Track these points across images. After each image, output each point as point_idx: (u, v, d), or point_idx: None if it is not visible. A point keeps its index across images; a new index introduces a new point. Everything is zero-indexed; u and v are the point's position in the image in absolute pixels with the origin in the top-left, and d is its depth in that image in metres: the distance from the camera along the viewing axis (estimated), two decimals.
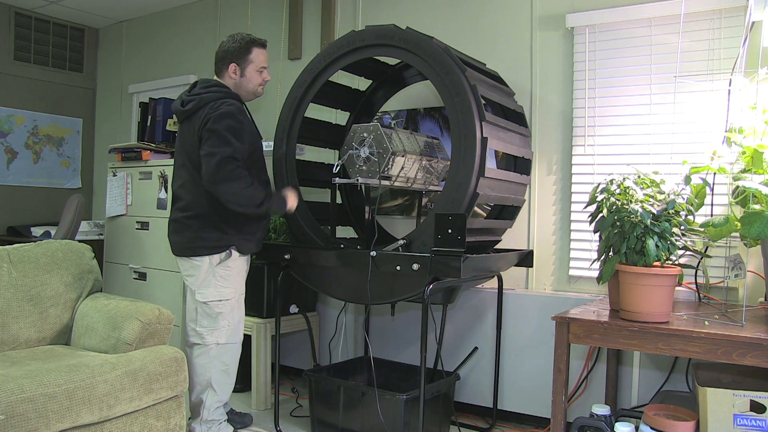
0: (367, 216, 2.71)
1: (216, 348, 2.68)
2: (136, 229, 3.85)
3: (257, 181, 2.62)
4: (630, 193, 2.06)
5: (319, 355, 3.49)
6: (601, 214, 2.11)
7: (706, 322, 1.99)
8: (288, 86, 2.95)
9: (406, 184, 2.75)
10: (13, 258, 2.64)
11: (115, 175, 4.06)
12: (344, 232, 3.48)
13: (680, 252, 2.17)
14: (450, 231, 2.30)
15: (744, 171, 2.04)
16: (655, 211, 1.99)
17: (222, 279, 2.66)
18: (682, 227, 2.08)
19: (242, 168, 2.51)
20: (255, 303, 3.34)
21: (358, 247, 2.68)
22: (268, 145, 3.12)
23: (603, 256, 2.18)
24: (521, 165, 2.93)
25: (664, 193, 2.10)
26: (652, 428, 2.09)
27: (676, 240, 2.04)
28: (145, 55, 5.03)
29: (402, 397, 2.51)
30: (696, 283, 2.48)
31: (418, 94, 3.43)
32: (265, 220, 2.78)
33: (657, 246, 1.97)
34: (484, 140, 2.39)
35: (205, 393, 2.69)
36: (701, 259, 2.41)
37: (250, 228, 2.67)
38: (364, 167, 2.58)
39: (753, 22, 2.32)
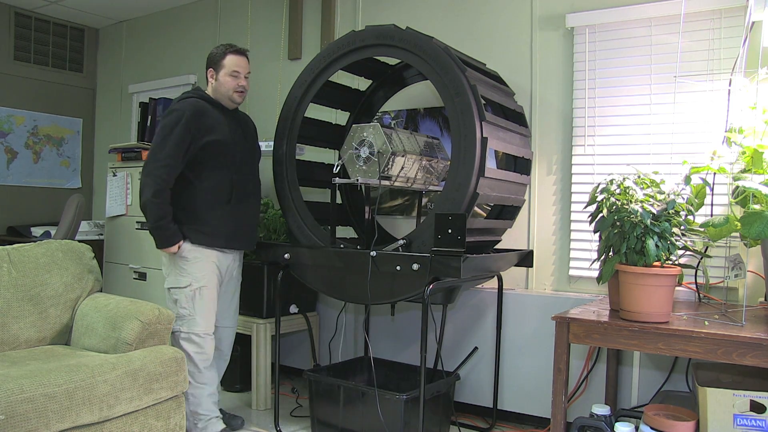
0: (367, 216, 2.71)
1: (179, 336, 2.74)
2: (136, 229, 3.85)
3: (187, 191, 2.72)
4: (630, 193, 2.06)
5: (319, 355, 3.49)
6: (601, 214, 2.11)
7: (706, 322, 1.99)
8: (288, 86, 2.95)
9: (406, 184, 2.75)
10: (13, 258, 2.64)
11: (115, 175, 4.07)
12: (344, 232, 3.48)
13: (680, 252, 2.17)
14: (450, 231, 2.30)
15: (744, 171, 2.04)
16: (655, 211, 1.99)
17: (179, 268, 2.74)
18: (682, 227, 2.08)
19: (161, 176, 2.62)
20: (255, 303, 3.34)
21: (358, 247, 2.68)
22: (268, 145, 3.13)
23: (603, 256, 2.17)
24: (521, 165, 2.93)
25: (664, 193, 2.10)
26: (652, 428, 2.09)
27: (676, 240, 2.04)
28: (145, 55, 5.03)
29: (402, 397, 2.51)
30: (696, 283, 2.48)
31: (418, 94, 3.43)
32: (230, 215, 2.78)
33: (657, 246, 1.97)
34: (484, 140, 2.39)
35: None
36: (701, 259, 2.41)
37: (204, 219, 2.73)
38: (364, 167, 2.58)
39: (753, 22, 2.32)
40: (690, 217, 2.12)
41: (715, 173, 2.20)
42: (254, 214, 2.93)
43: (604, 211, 2.09)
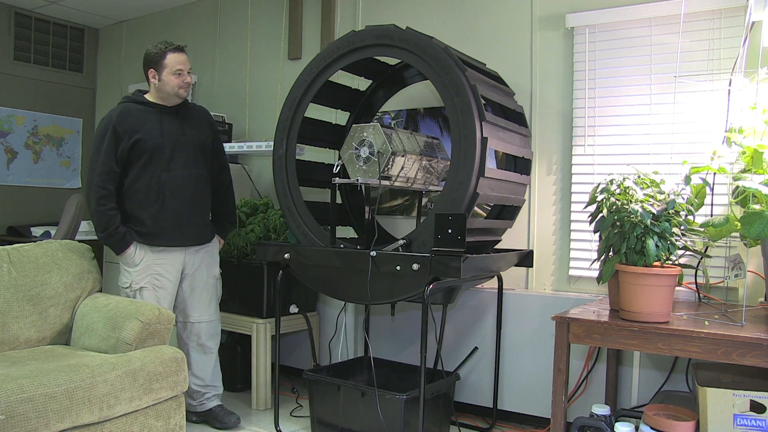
0: (367, 216, 2.71)
1: None
2: None
3: (134, 198, 2.81)
4: (630, 193, 2.06)
5: (319, 355, 3.49)
6: (601, 214, 2.11)
7: (706, 322, 1.99)
8: (288, 86, 2.95)
9: (406, 184, 2.75)
10: (13, 258, 2.64)
11: None
12: (344, 232, 3.48)
13: (680, 252, 2.17)
14: (450, 231, 2.30)
15: (744, 171, 2.04)
16: (655, 211, 1.99)
17: (122, 267, 2.88)
18: (682, 227, 2.08)
19: (100, 184, 2.74)
20: (255, 303, 3.34)
21: (358, 247, 2.68)
22: (268, 145, 3.13)
23: (603, 256, 2.17)
24: (521, 165, 2.93)
25: (664, 193, 2.09)
26: (652, 428, 2.09)
27: (676, 240, 2.04)
28: None
29: (402, 397, 2.51)
30: (696, 283, 2.48)
31: (418, 94, 3.43)
32: (162, 213, 2.83)
33: (657, 246, 1.97)
34: (484, 140, 2.39)
35: None
36: (701, 259, 2.41)
37: (139, 218, 2.82)
38: (364, 167, 2.58)
39: (753, 22, 2.31)
40: (690, 217, 2.12)
41: (715, 173, 2.20)
42: (193, 210, 2.93)
43: (604, 211, 2.09)
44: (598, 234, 2.18)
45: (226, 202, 3.14)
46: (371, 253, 2.46)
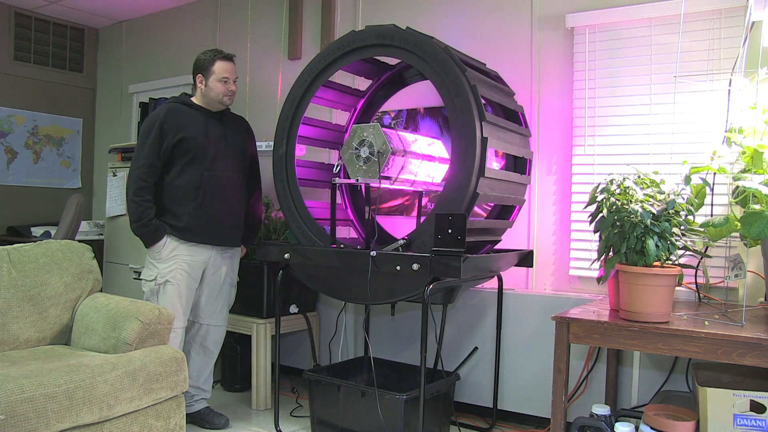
0: (367, 216, 2.71)
1: None
2: None
3: (183, 187, 2.85)
4: (630, 193, 2.06)
5: (319, 355, 3.49)
6: (601, 214, 2.11)
7: (706, 322, 1.99)
8: (288, 86, 2.95)
9: (407, 184, 2.75)
10: (13, 258, 2.64)
11: (115, 175, 4.07)
12: (344, 232, 3.48)
13: (680, 252, 2.17)
14: (450, 231, 2.30)
15: (744, 171, 2.04)
16: (655, 211, 1.99)
17: (149, 260, 2.92)
18: (682, 227, 2.08)
19: (141, 176, 2.80)
20: (255, 303, 3.34)
21: (358, 247, 2.68)
22: (268, 145, 3.13)
23: (603, 256, 2.17)
24: (521, 165, 2.93)
25: (664, 193, 2.09)
26: (652, 428, 2.09)
27: (676, 240, 2.04)
28: (145, 55, 5.03)
29: (402, 397, 2.51)
30: (696, 283, 2.48)
31: (418, 94, 3.43)
32: (199, 211, 2.86)
33: (657, 246, 1.97)
34: (484, 140, 2.39)
35: None
36: (701, 259, 2.41)
37: (175, 213, 2.86)
38: (364, 167, 2.58)
39: (753, 22, 2.31)
40: (690, 217, 2.12)
41: (715, 173, 2.20)
42: (229, 211, 2.97)
43: (604, 211, 2.09)
44: (598, 234, 2.18)
45: (254, 212, 3.18)
46: (371, 253, 2.46)
